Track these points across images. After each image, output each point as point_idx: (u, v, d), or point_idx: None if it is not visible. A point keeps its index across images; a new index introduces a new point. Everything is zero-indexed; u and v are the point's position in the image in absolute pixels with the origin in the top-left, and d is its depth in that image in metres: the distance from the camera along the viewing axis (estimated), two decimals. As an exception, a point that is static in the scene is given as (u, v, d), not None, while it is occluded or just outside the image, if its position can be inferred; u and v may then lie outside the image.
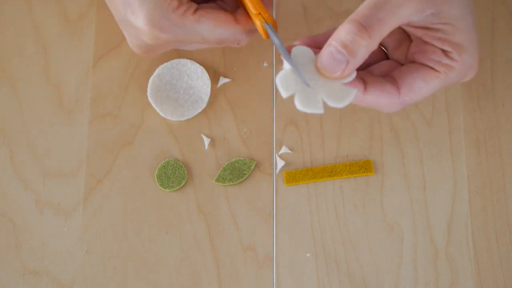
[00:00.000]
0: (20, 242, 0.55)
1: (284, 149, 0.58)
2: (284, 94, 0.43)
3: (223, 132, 0.58)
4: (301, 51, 0.44)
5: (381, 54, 0.49)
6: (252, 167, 0.57)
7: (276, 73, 0.50)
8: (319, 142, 0.58)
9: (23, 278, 0.54)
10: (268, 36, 0.48)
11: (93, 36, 0.60)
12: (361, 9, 0.42)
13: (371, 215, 0.56)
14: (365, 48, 0.41)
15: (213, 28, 0.48)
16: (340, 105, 0.43)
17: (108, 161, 0.57)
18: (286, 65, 0.43)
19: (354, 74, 0.43)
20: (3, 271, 0.55)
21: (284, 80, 0.43)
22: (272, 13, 0.49)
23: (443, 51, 0.44)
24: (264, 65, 0.60)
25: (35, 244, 0.55)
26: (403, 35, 0.48)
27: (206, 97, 0.58)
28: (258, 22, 0.48)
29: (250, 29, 0.50)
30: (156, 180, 0.56)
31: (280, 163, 0.57)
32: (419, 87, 0.44)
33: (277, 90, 0.58)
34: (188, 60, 0.59)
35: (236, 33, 0.49)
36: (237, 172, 0.57)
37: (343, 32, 0.41)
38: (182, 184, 0.56)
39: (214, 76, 0.59)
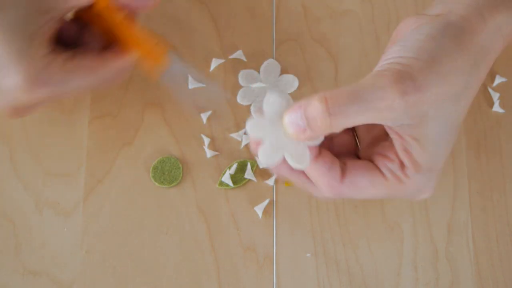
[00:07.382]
0: (20, 242, 0.55)
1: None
2: (251, 135, 0.43)
3: (223, 132, 0.58)
4: (278, 101, 0.43)
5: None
6: (254, 168, 0.57)
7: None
8: (319, 142, 0.57)
9: (23, 278, 0.54)
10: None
11: (93, 36, 0.60)
12: (340, 94, 0.40)
13: (371, 215, 0.56)
14: (323, 131, 0.40)
15: (87, 75, 0.47)
16: (298, 166, 0.42)
17: (108, 161, 0.57)
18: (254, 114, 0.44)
19: (321, 140, 0.43)
20: (3, 271, 0.55)
21: (254, 126, 0.43)
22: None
23: (401, 163, 0.43)
24: (264, 65, 0.60)
25: (35, 244, 0.55)
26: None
27: None
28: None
29: (121, 67, 0.49)
30: (150, 170, 0.56)
31: (280, 163, 0.57)
32: (362, 186, 0.44)
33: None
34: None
35: (109, 73, 0.48)
36: (238, 174, 0.56)
37: (312, 105, 0.40)
38: (172, 184, 0.56)
39: (214, 76, 0.59)
